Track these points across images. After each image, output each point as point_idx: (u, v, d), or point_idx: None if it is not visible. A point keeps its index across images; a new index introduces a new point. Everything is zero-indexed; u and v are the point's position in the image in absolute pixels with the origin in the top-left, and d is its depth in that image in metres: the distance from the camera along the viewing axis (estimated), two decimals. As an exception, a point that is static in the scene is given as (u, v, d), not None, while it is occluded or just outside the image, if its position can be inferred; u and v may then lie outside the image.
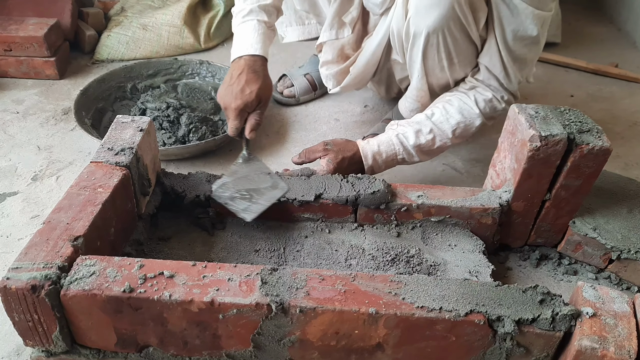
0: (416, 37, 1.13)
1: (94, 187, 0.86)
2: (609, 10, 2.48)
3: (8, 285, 0.68)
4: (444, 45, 1.12)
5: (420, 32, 1.11)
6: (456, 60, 1.17)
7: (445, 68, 1.18)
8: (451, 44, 1.12)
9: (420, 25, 1.11)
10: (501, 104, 1.20)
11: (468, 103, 1.18)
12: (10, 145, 1.42)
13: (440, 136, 1.18)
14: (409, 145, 1.18)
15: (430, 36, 1.11)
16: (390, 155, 1.19)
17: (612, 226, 1.05)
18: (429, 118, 1.19)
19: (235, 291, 0.71)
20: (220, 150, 1.44)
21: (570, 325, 0.70)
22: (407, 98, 1.32)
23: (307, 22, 1.61)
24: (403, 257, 1.02)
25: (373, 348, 0.74)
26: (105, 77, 1.57)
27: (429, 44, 1.13)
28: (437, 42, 1.12)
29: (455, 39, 1.12)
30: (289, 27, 1.62)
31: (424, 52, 1.15)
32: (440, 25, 1.09)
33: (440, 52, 1.14)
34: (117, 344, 0.76)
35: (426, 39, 1.12)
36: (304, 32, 1.64)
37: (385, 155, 1.19)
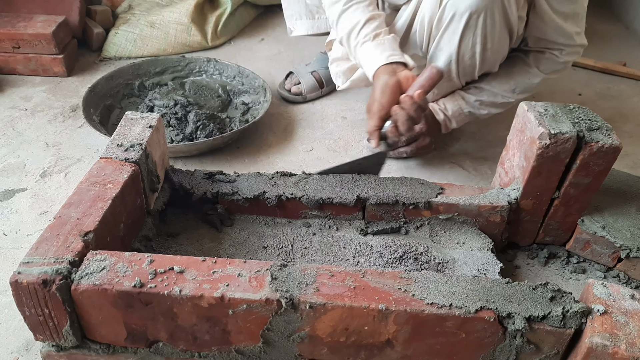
0: (454, 20, 1.14)
1: (104, 183, 0.86)
2: (617, 8, 2.46)
3: (19, 279, 0.69)
4: (483, 27, 1.13)
5: (461, 12, 1.12)
6: (489, 46, 1.18)
7: (477, 54, 1.19)
8: (489, 27, 1.14)
9: (462, 6, 1.11)
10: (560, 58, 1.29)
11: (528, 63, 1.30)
12: (19, 142, 1.42)
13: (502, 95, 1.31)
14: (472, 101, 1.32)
15: (471, 17, 1.12)
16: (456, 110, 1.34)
17: (621, 224, 1.05)
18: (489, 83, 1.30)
19: (245, 287, 0.71)
20: (228, 147, 1.44)
21: (581, 323, 0.70)
22: None
23: (317, 16, 1.61)
24: (411, 255, 1.02)
25: (383, 344, 0.74)
26: (113, 75, 1.58)
27: (468, 25, 1.13)
28: (476, 23, 1.13)
29: (494, 21, 1.13)
30: (298, 20, 1.62)
31: (462, 35, 1.15)
32: (483, 5, 1.10)
33: (476, 36, 1.15)
34: (127, 338, 0.76)
35: (467, 19, 1.12)
36: (313, 26, 1.64)
37: (451, 111, 1.34)
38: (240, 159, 1.42)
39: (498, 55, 1.23)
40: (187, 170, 1.10)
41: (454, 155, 1.46)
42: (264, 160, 1.42)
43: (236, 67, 1.68)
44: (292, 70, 1.70)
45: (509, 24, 1.16)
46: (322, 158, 1.43)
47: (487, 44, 1.17)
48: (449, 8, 1.13)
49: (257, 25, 2.17)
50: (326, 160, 1.42)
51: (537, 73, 1.29)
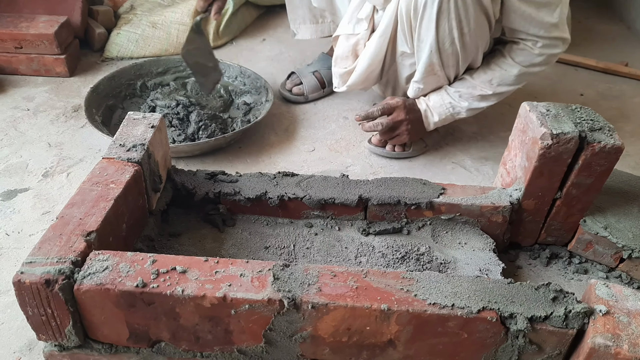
0: (427, 6, 1.15)
1: (106, 183, 0.86)
2: (619, 8, 2.46)
3: (22, 279, 0.69)
4: (455, 10, 1.14)
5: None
6: (466, 30, 1.18)
7: (456, 39, 1.19)
8: (462, 9, 1.15)
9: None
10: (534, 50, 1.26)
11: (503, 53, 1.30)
12: (21, 142, 1.43)
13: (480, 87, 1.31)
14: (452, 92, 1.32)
15: (442, 2, 1.13)
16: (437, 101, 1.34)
17: (623, 225, 1.05)
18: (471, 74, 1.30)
19: (247, 287, 0.71)
20: (230, 147, 1.44)
21: (583, 323, 0.70)
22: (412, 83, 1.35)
23: (320, 20, 1.61)
24: (413, 255, 1.02)
25: (385, 344, 0.74)
26: (115, 75, 1.58)
27: (441, 10, 1.14)
28: (448, 7, 1.14)
29: (465, 3, 1.14)
30: (302, 24, 1.63)
31: (437, 21, 1.16)
32: None
33: (451, 20, 1.16)
34: (129, 338, 0.76)
35: (439, 4, 1.13)
36: (317, 30, 1.64)
37: (432, 102, 1.34)
38: (242, 159, 1.42)
39: (479, 40, 1.23)
40: (189, 170, 1.10)
41: (456, 155, 1.46)
42: (265, 160, 1.42)
43: (238, 67, 1.68)
44: (294, 71, 1.70)
45: (482, 6, 1.16)
46: (323, 158, 1.43)
47: (464, 28, 1.18)
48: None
49: (259, 25, 2.17)
50: (328, 160, 1.43)
51: (512, 64, 1.28)
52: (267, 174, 1.09)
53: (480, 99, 1.32)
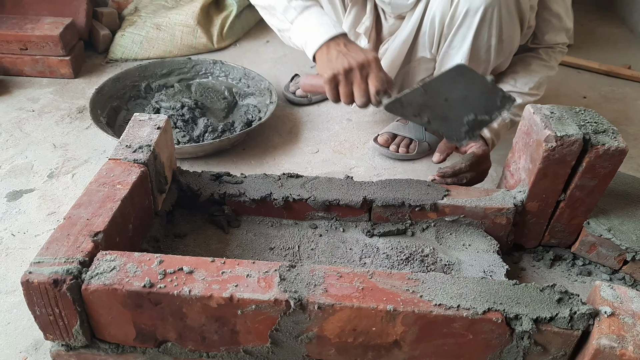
0: (468, 15, 1.13)
1: (113, 184, 0.87)
2: (622, 11, 2.47)
3: (30, 279, 0.69)
4: (498, 19, 1.13)
5: (476, 7, 1.11)
6: (504, 37, 1.17)
7: (492, 48, 1.18)
8: (505, 18, 1.13)
9: (476, 1, 1.11)
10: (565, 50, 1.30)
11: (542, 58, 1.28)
12: (27, 143, 1.43)
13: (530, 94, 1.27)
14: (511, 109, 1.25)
15: (486, 11, 1.11)
16: (500, 123, 1.25)
17: (626, 227, 1.05)
18: (515, 85, 1.27)
19: (254, 287, 0.72)
20: (234, 149, 1.45)
21: (589, 324, 0.70)
22: None
23: None
24: (417, 257, 1.02)
25: (390, 345, 0.75)
26: (120, 76, 1.59)
27: (484, 20, 1.12)
28: (491, 16, 1.12)
29: (509, 11, 1.13)
30: None
31: (477, 31, 1.14)
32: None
33: (491, 29, 1.14)
34: (136, 338, 0.76)
35: (482, 14, 1.11)
36: None
37: (496, 125, 1.24)
38: (246, 160, 1.42)
39: (512, 46, 1.22)
40: (194, 171, 1.10)
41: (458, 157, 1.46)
42: (269, 161, 1.42)
43: (242, 69, 1.68)
44: (298, 73, 1.71)
45: (521, 13, 1.15)
46: (327, 160, 1.44)
47: (503, 35, 1.16)
48: (462, 4, 1.12)
49: (263, 27, 2.17)
50: (331, 162, 1.43)
51: (552, 66, 1.29)
52: (271, 176, 1.09)
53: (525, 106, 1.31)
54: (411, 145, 1.44)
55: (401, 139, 1.45)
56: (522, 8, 1.14)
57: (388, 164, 1.43)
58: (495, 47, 1.18)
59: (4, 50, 1.68)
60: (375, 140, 1.46)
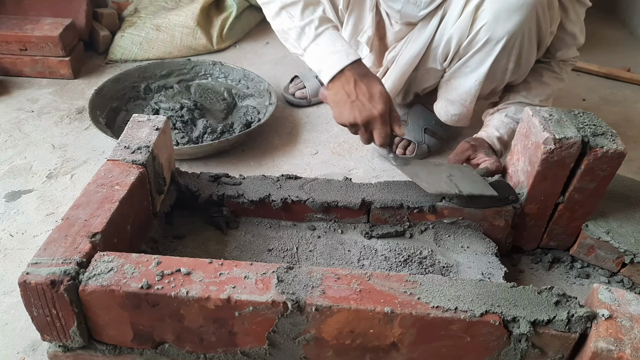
0: (489, 44, 1.13)
1: (112, 185, 0.87)
2: (622, 14, 2.47)
3: (28, 280, 0.69)
4: (519, 48, 1.13)
5: (498, 38, 1.11)
6: (522, 62, 1.18)
7: (509, 71, 1.19)
8: (526, 46, 1.13)
9: (499, 31, 1.10)
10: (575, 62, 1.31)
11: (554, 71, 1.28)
12: (26, 144, 1.43)
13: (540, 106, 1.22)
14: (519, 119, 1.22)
15: (509, 41, 1.11)
16: (510, 134, 1.24)
17: (625, 230, 1.05)
18: (526, 97, 1.26)
19: (251, 289, 0.72)
20: (233, 150, 1.45)
21: (586, 327, 0.70)
22: (452, 103, 1.30)
23: None
24: (416, 258, 1.02)
25: (388, 347, 0.75)
26: (119, 77, 1.59)
27: (505, 48, 1.12)
28: (512, 45, 1.12)
29: (531, 40, 1.13)
30: None
31: (497, 57, 1.14)
32: (520, 28, 1.09)
33: (510, 56, 1.15)
34: (133, 339, 0.76)
35: (505, 44, 1.11)
36: None
37: (507, 136, 1.24)
38: (246, 161, 1.42)
39: (528, 67, 1.23)
40: (193, 172, 1.10)
41: (458, 159, 1.47)
42: (269, 163, 1.42)
43: (241, 70, 1.68)
44: (297, 74, 1.71)
45: (540, 38, 1.15)
46: (326, 161, 1.44)
47: (521, 60, 1.17)
48: (483, 32, 1.12)
49: (263, 28, 2.18)
50: (330, 163, 1.43)
51: (563, 79, 1.29)
52: (270, 177, 1.09)
53: None
54: (409, 147, 1.44)
55: (399, 141, 1.45)
56: (542, 34, 1.14)
57: (387, 166, 1.43)
58: (512, 70, 1.19)
59: (4, 50, 1.68)
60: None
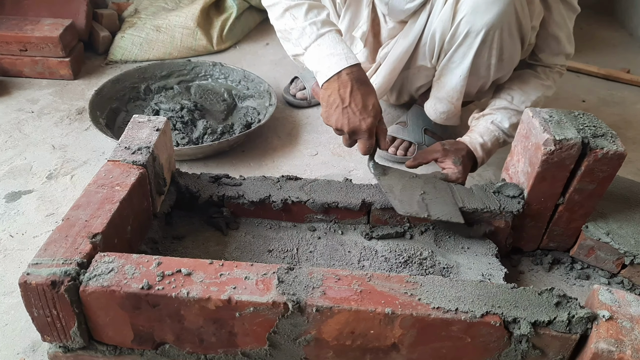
0: (469, 36, 1.13)
1: (112, 185, 0.87)
2: (621, 15, 2.47)
3: (28, 280, 0.69)
4: (498, 42, 1.13)
5: (478, 30, 1.11)
6: (505, 57, 1.18)
7: (492, 66, 1.19)
8: (506, 40, 1.13)
9: (478, 23, 1.11)
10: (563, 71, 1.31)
11: (540, 77, 1.26)
12: (26, 144, 1.43)
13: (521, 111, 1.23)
14: (505, 128, 1.23)
15: (488, 34, 1.11)
16: (494, 142, 1.24)
17: (625, 231, 1.05)
18: (511, 102, 1.24)
19: (252, 289, 0.72)
20: (233, 151, 1.45)
21: (587, 328, 0.70)
22: (440, 101, 1.31)
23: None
24: (416, 260, 1.02)
25: (388, 348, 0.75)
26: (119, 78, 1.59)
27: (485, 41, 1.13)
28: (492, 39, 1.12)
29: (511, 34, 1.13)
30: None
31: (477, 51, 1.15)
32: (499, 21, 1.09)
33: (492, 50, 1.15)
34: (133, 340, 0.76)
35: (483, 36, 1.12)
36: None
37: (490, 144, 1.23)
38: (245, 162, 1.42)
39: (512, 64, 1.23)
40: (193, 173, 1.10)
41: (458, 160, 1.47)
42: (269, 164, 1.42)
43: (241, 71, 1.68)
44: (297, 75, 1.71)
45: (522, 34, 1.16)
46: (326, 162, 1.44)
47: (504, 54, 1.17)
48: (463, 24, 1.13)
49: (262, 29, 2.18)
50: (330, 164, 1.43)
51: (550, 86, 1.28)
52: (270, 178, 1.09)
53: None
54: (410, 149, 1.44)
55: (400, 142, 1.45)
56: (523, 29, 1.14)
57: (387, 167, 1.43)
58: (496, 65, 1.18)
59: (4, 51, 1.68)
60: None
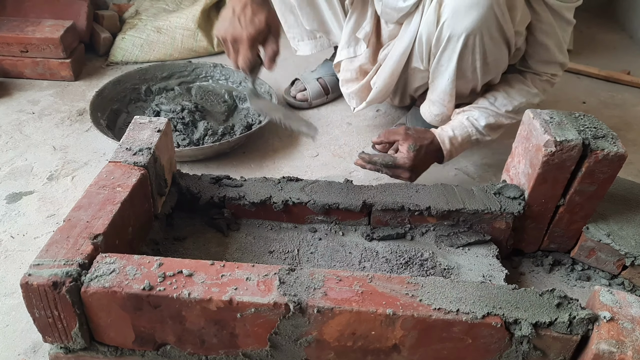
0: (451, 40, 1.13)
1: (113, 186, 0.87)
2: (621, 17, 2.48)
3: (30, 281, 0.69)
4: (480, 46, 1.12)
5: (458, 34, 1.11)
6: (490, 60, 1.17)
7: (478, 70, 1.18)
8: (488, 44, 1.13)
9: (458, 28, 1.10)
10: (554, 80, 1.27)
11: (526, 84, 1.25)
12: (26, 145, 1.43)
13: (506, 116, 1.25)
14: (480, 127, 1.23)
15: (468, 38, 1.11)
16: (465, 138, 1.24)
17: (625, 232, 1.05)
18: (493, 103, 1.24)
19: (253, 290, 0.72)
20: (234, 152, 1.45)
21: (588, 329, 0.70)
22: (434, 103, 1.31)
23: (318, 35, 1.61)
24: (417, 261, 1.02)
25: (389, 349, 0.75)
26: (120, 79, 1.59)
27: (466, 46, 1.12)
28: (473, 43, 1.12)
29: (492, 38, 1.12)
30: (300, 42, 1.62)
31: (460, 55, 1.14)
32: (478, 26, 1.09)
33: (475, 54, 1.14)
34: (135, 341, 0.76)
35: (464, 41, 1.11)
36: (317, 45, 1.63)
37: (460, 138, 1.23)
38: (246, 163, 1.42)
39: (499, 68, 1.22)
40: (194, 174, 1.10)
41: (459, 162, 1.47)
42: (269, 165, 1.43)
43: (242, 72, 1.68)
44: (298, 77, 1.71)
45: (506, 38, 1.15)
46: (327, 163, 1.44)
47: (488, 58, 1.16)
48: (445, 28, 1.12)
49: (263, 31, 2.18)
50: (331, 165, 1.43)
51: (536, 94, 1.25)
52: (271, 179, 1.09)
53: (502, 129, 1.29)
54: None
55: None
56: (506, 34, 1.13)
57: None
58: (481, 68, 1.18)
59: (5, 52, 1.68)
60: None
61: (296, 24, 1.56)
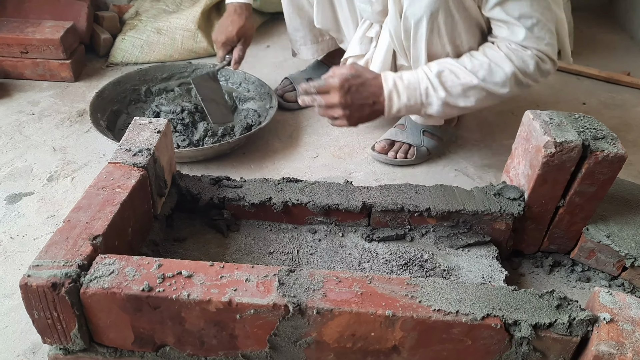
0: (416, 26, 1.12)
1: (113, 187, 0.87)
2: (621, 18, 2.48)
3: (29, 282, 0.69)
4: (445, 26, 1.11)
5: (419, 18, 1.10)
6: (459, 42, 1.16)
7: (451, 53, 1.17)
8: (451, 25, 1.12)
9: (417, 12, 1.10)
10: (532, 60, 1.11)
11: (493, 48, 1.13)
12: (26, 146, 1.43)
13: (464, 72, 1.12)
14: (432, 74, 1.12)
15: (430, 19, 1.10)
16: (413, 82, 1.13)
17: (625, 233, 1.05)
18: (454, 59, 1.15)
19: (252, 291, 0.72)
20: (234, 153, 1.45)
21: (588, 331, 0.70)
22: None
23: (320, 39, 1.61)
24: (416, 262, 1.02)
25: (389, 350, 0.74)
26: (120, 80, 1.59)
27: (431, 29, 1.11)
28: (438, 26, 1.11)
29: (454, 18, 1.11)
30: (302, 46, 1.63)
31: (428, 41, 1.14)
32: (437, 5, 1.08)
33: (442, 36, 1.13)
34: (134, 342, 0.76)
35: (428, 24, 1.10)
36: (318, 49, 1.65)
37: (407, 81, 1.13)
38: (246, 164, 1.42)
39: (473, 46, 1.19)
40: (194, 175, 1.10)
41: (459, 163, 1.47)
42: (269, 166, 1.43)
43: (242, 73, 1.68)
44: (287, 77, 1.71)
45: (472, 18, 1.13)
46: (327, 164, 1.44)
47: (456, 40, 1.15)
48: (408, 17, 1.12)
49: (263, 32, 2.18)
50: (331, 166, 1.43)
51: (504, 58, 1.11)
52: (271, 180, 1.09)
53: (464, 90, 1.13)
54: (410, 151, 1.44)
55: (400, 145, 1.45)
56: (470, 13, 1.11)
57: (387, 169, 1.43)
58: (453, 52, 1.16)
59: (5, 53, 1.69)
60: (373, 149, 1.46)
61: (302, 27, 1.57)
